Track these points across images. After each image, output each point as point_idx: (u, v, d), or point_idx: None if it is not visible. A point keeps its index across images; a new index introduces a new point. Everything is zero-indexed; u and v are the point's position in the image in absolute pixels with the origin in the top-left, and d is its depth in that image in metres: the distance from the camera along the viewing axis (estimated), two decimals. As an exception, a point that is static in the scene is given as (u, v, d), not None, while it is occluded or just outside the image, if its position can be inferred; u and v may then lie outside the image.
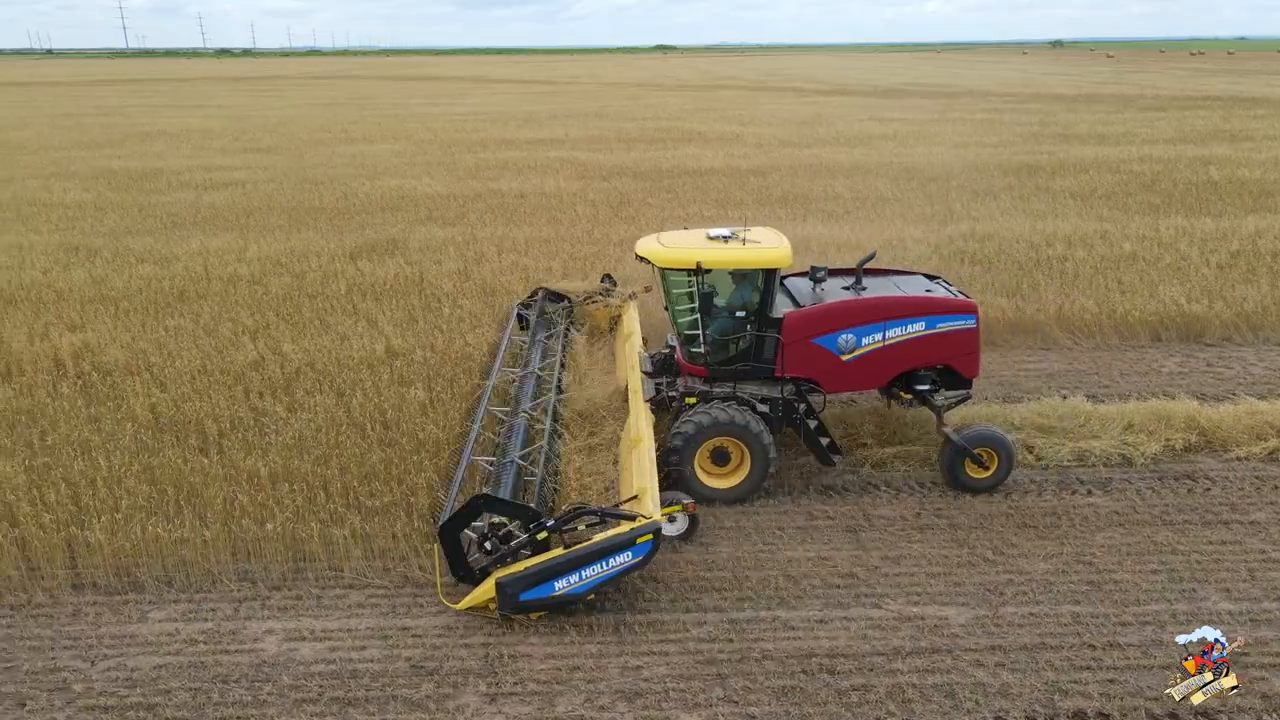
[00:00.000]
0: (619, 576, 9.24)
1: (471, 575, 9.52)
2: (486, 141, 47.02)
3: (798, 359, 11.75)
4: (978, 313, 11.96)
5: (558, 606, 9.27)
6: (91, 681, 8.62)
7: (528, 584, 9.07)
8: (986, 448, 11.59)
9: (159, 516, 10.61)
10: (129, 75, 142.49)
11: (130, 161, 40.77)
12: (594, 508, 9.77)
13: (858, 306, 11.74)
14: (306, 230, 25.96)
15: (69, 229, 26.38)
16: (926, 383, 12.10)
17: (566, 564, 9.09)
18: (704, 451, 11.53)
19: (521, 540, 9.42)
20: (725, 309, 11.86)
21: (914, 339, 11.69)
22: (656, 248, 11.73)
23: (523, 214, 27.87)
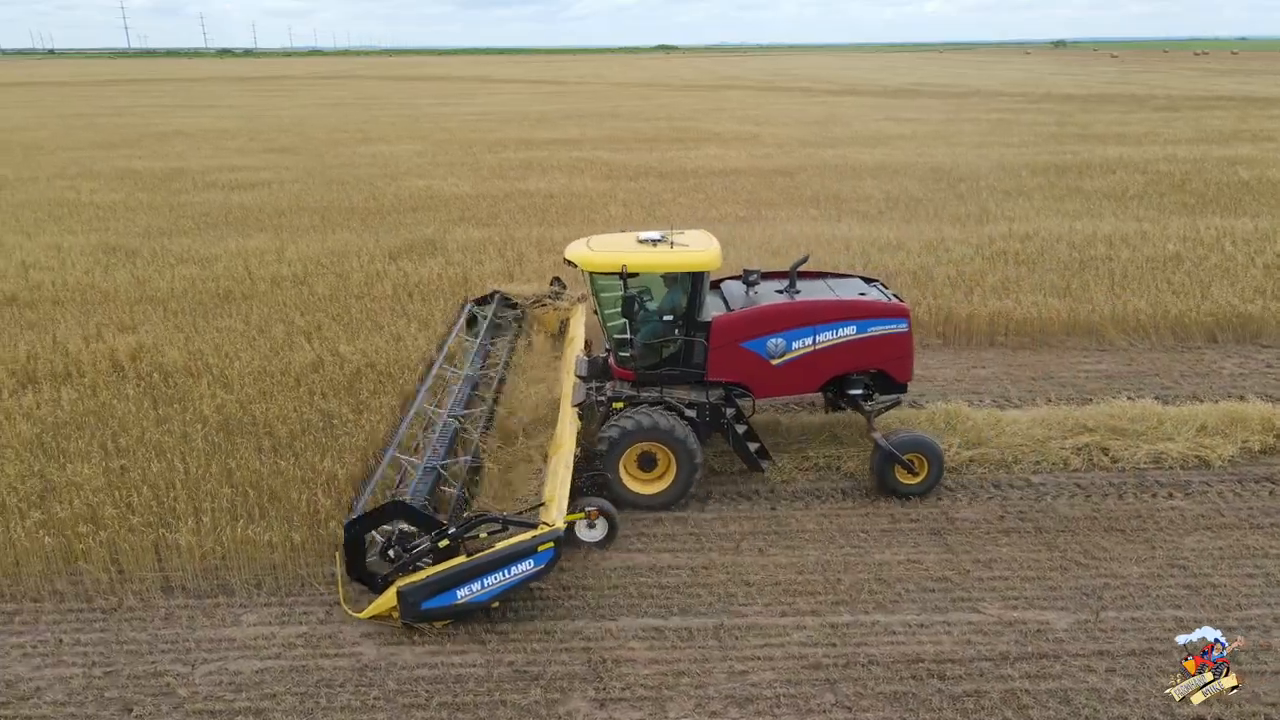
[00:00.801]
0: (522, 584, 9.17)
1: (369, 578, 9.38)
2: (505, 141, 46.96)
3: (727, 363, 11.66)
4: (909, 317, 11.94)
5: (461, 615, 9.18)
6: (195, 686, 8.57)
7: (429, 592, 8.97)
8: (916, 453, 11.48)
9: (244, 519, 10.54)
10: (134, 75, 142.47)
11: (152, 162, 40.70)
12: (495, 514, 9.67)
13: (787, 310, 11.65)
14: (340, 231, 25.89)
15: (103, 229, 26.31)
16: (859, 387, 12.07)
17: (467, 572, 8.99)
18: (630, 457, 11.41)
19: (423, 548, 9.27)
20: (654, 313, 11.73)
21: (845, 343, 11.64)
22: (584, 251, 11.58)
23: (555, 214, 27.80)
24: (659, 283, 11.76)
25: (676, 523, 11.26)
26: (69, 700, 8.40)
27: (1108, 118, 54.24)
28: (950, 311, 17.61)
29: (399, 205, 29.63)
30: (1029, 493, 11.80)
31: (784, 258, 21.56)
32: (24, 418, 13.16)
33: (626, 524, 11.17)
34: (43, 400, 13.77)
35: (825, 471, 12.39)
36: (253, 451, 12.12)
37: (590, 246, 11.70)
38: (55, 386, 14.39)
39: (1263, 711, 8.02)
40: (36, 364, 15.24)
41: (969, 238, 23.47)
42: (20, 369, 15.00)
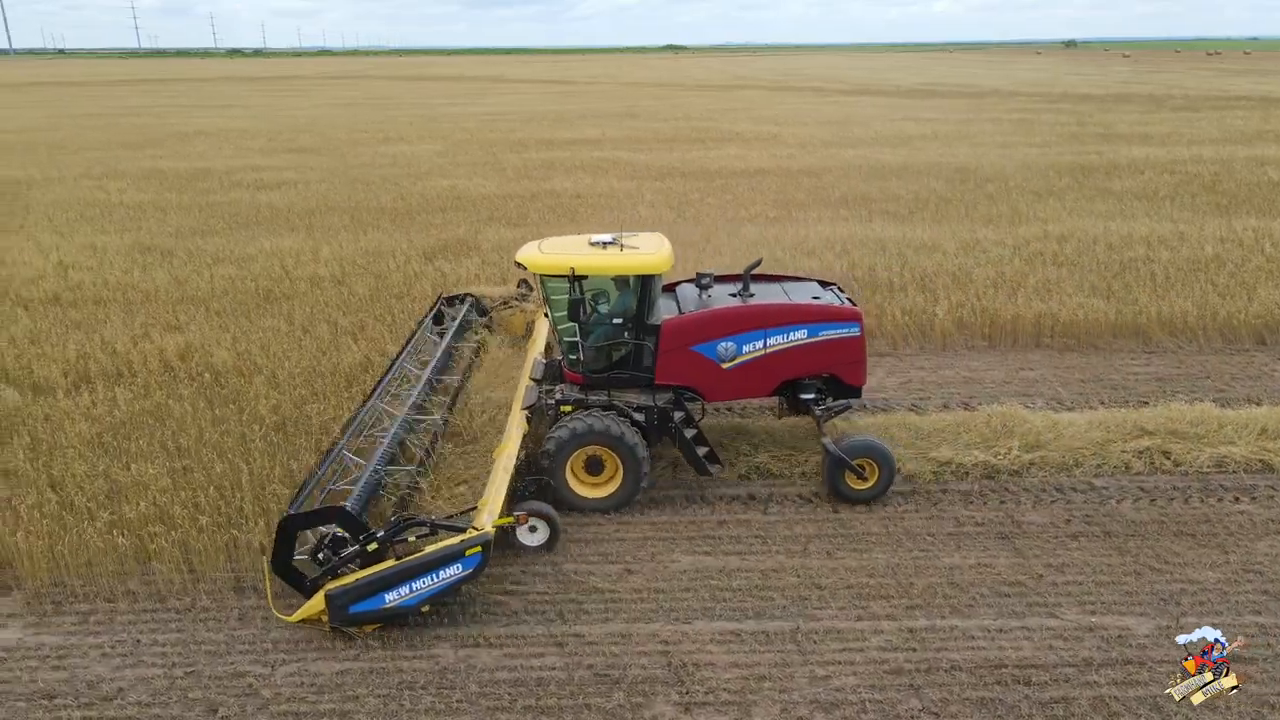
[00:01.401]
0: (451, 589, 9.11)
1: (294, 577, 9.25)
2: (525, 141, 46.96)
3: (677, 367, 11.60)
4: (862, 321, 11.89)
5: (390, 619, 9.10)
6: (277, 687, 8.56)
7: (357, 596, 8.92)
8: (866, 459, 11.37)
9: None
10: (146, 75, 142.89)
11: (175, 162, 40.81)
12: (423, 518, 9.58)
13: (736, 313, 11.57)
14: (372, 231, 25.91)
15: (136, 229, 26.38)
16: (812, 391, 11.98)
17: (395, 576, 8.93)
18: (577, 460, 11.34)
19: (351, 551, 9.16)
20: (605, 316, 11.68)
21: (796, 347, 11.56)
22: (534, 254, 11.55)
23: (584, 215, 27.77)
24: (610, 286, 11.71)
25: (740, 525, 11.23)
26: (153, 701, 8.40)
27: (1129, 118, 54.02)
28: (995, 313, 17.54)
29: (427, 205, 29.65)
30: (1093, 496, 11.73)
31: (819, 260, 21.58)
32: (82, 417, 13.20)
33: (692, 525, 11.18)
34: (99, 400, 13.81)
35: (884, 474, 12.32)
36: (312, 452, 12.11)
37: (541, 249, 11.69)
38: (109, 386, 14.43)
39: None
40: (88, 364, 15.28)
41: (1004, 239, 23.39)
42: (72, 369, 15.04)
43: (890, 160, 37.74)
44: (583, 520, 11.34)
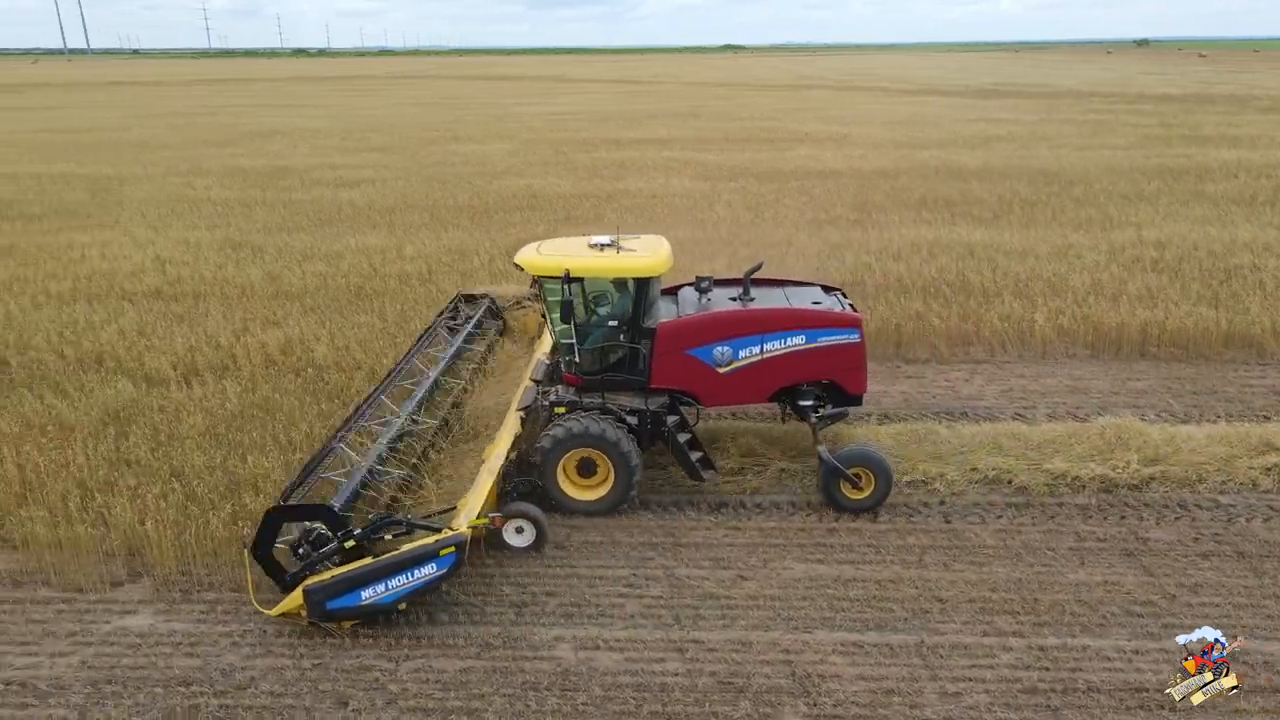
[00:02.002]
0: (427, 588, 9.11)
1: (274, 569, 9.31)
2: (593, 141, 47.09)
3: (672, 370, 11.45)
4: (861, 327, 11.63)
5: (367, 616, 9.15)
6: (403, 682, 8.64)
7: (334, 592, 8.98)
8: (861, 468, 11.14)
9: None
10: (219, 75, 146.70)
11: (255, 160, 41.78)
12: (400, 518, 9.59)
13: (733, 317, 11.41)
14: (453, 229, 26.18)
15: (225, 225, 27.06)
16: (810, 398, 11.71)
17: (371, 574, 8.98)
18: (570, 462, 11.25)
19: (330, 549, 9.22)
20: (601, 318, 11.59)
21: (794, 353, 11.35)
22: (531, 256, 11.48)
23: (661, 215, 27.69)
24: (609, 289, 11.58)
25: (851, 534, 11.04)
26: (285, 691, 8.54)
27: (1213, 119, 52.19)
28: (1098, 321, 17.02)
29: (503, 204, 29.88)
30: (1219, 514, 11.28)
31: (906, 264, 21.22)
32: (196, 409, 13.53)
33: (802, 532, 11.03)
34: (209, 392, 14.15)
35: (995, 485, 12.02)
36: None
37: (540, 251, 11.62)
38: (218, 379, 14.78)
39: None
40: (195, 356, 15.67)
41: (1097, 244, 22.73)
42: (181, 361, 15.44)
43: (968, 162, 36.98)
44: (689, 524, 11.27)
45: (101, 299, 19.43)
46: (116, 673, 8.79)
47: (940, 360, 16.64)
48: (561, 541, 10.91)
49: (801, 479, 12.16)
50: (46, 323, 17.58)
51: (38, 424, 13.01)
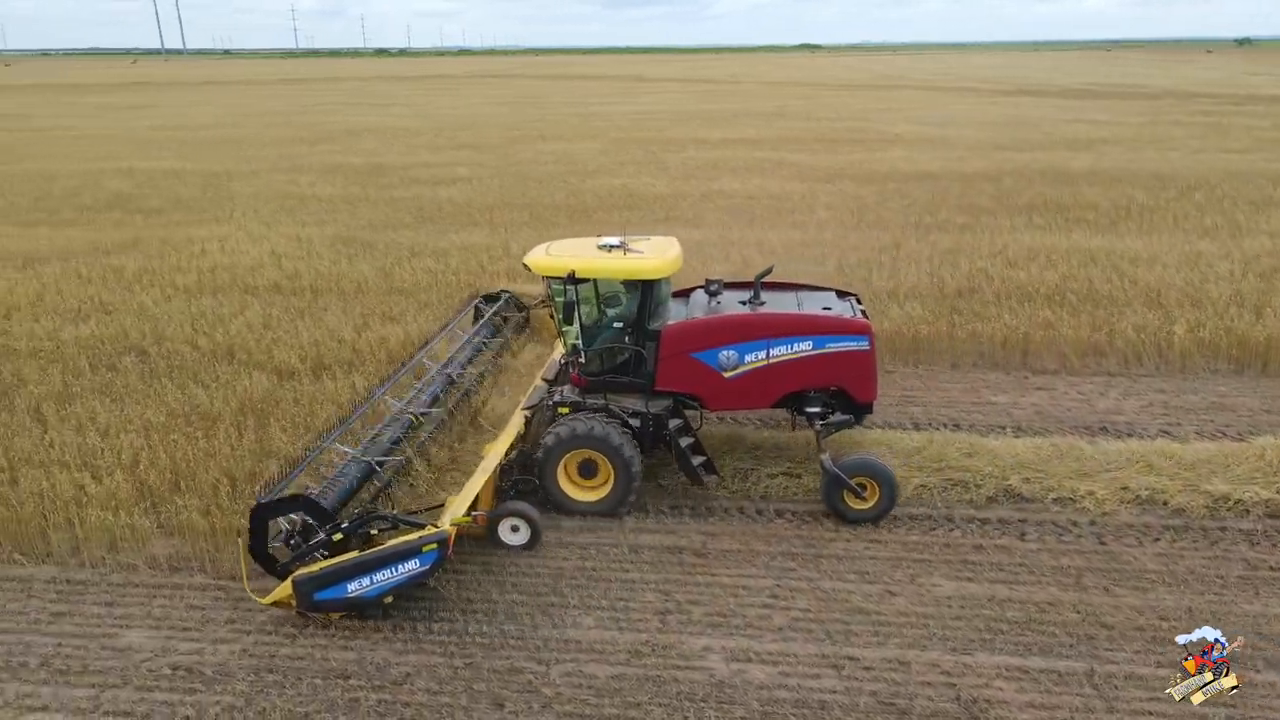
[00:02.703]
0: (410, 583, 9.22)
1: (269, 562, 9.46)
2: (681, 141, 46.90)
3: (677, 373, 11.31)
4: (871, 334, 11.29)
5: (353, 608, 9.28)
6: (556, 686, 8.59)
7: (321, 584, 9.11)
8: (865, 478, 10.92)
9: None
10: (306, 75, 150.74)
11: (351, 157, 42.70)
12: (385, 513, 9.79)
13: (739, 321, 11.28)
14: (553, 228, 26.22)
15: (332, 222, 27.67)
16: (817, 405, 11.44)
17: (357, 567, 9.10)
18: (571, 463, 11.20)
19: (319, 540, 9.33)
20: (609, 320, 11.53)
21: (800, 358, 11.13)
22: (539, 256, 11.43)
23: (761, 217, 27.38)
24: (622, 289, 11.49)
25: (1000, 551, 10.63)
26: (440, 689, 8.57)
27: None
28: (1242, 334, 16.14)
29: (601, 203, 29.88)
30: (1400, 544, 10.53)
31: (1025, 270, 20.54)
32: (327, 402, 13.77)
33: (947, 548, 10.67)
34: (340, 386, 14.39)
35: (1149, 505, 11.45)
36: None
37: (549, 251, 11.56)
38: (346, 373, 15.03)
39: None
40: (320, 350, 15.99)
41: (1229, 252, 21.64)
42: (308, 355, 15.76)
43: (1074, 165, 35.69)
44: (828, 535, 11.02)
45: (225, 292, 20.02)
46: (277, 662, 8.95)
47: (1071, 371, 15.99)
48: (699, 548, 10.77)
49: (942, 493, 11.79)
50: (178, 314, 18.19)
51: (182, 413, 13.40)
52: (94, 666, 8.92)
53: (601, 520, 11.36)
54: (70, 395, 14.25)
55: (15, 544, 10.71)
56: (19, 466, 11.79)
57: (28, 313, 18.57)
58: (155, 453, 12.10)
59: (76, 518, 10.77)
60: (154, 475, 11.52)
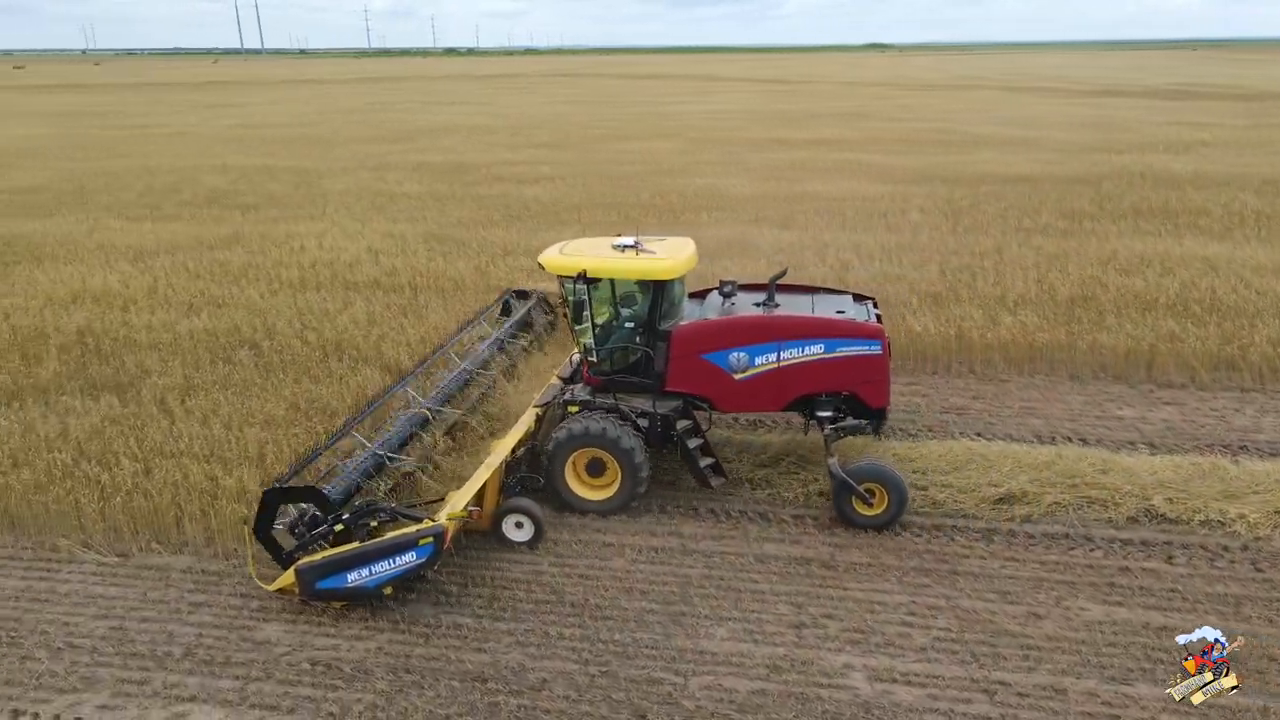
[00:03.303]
0: (407, 575, 9.35)
1: (273, 547, 9.62)
2: (760, 141, 46.44)
3: (687, 374, 11.30)
4: (883, 339, 11.12)
5: (354, 598, 9.44)
6: (696, 699, 8.41)
7: (323, 573, 9.27)
8: (874, 483, 10.76)
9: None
10: (381, 74, 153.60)
11: (433, 155, 43.22)
12: (385, 505, 9.91)
13: (749, 323, 11.22)
14: (644, 229, 26.06)
15: (422, 219, 27.97)
16: (829, 409, 11.34)
17: (357, 558, 9.26)
18: (579, 461, 11.22)
19: (322, 530, 9.48)
20: (622, 320, 11.61)
21: (811, 362, 11.06)
22: (553, 255, 11.52)
23: (852, 219, 26.85)
24: (637, 290, 11.50)
25: (1147, 575, 10.12)
26: (580, 697, 8.46)
27: None
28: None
29: (687, 203, 29.64)
30: None
31: (1141, 278, 19.76)
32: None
33: (1090, 569, 10.22)
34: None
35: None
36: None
37: (563, 250, 11.62)
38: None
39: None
40: (427, 348, 16.05)
41: (1362, 263, 20.46)
42: (415, 352, 15.84)
43: (1176, 169, 34.27)
44: (961, 550, 10.63)
45: (328, 288, 20.33)
46: (413, 662, 8.94)
47: (1200, 386, 15.26)
48: (826, 560, 10.49)
49: (1078, 511, 11.30)
50: (285, 309, 18.51)
51: (301, 407, 13.59)
52: (236, 658, 9.04)
53: (724, 527, 11.18)
54: (192, 387, 14.57)
55: (153, 533, 10.95)
56: (151, 457, 12.06)
57: (144, 305, 19.11)
58: (280, 446, 12.26)
59: (211, 509, 10.96)
60: (280, 468, 11.66)
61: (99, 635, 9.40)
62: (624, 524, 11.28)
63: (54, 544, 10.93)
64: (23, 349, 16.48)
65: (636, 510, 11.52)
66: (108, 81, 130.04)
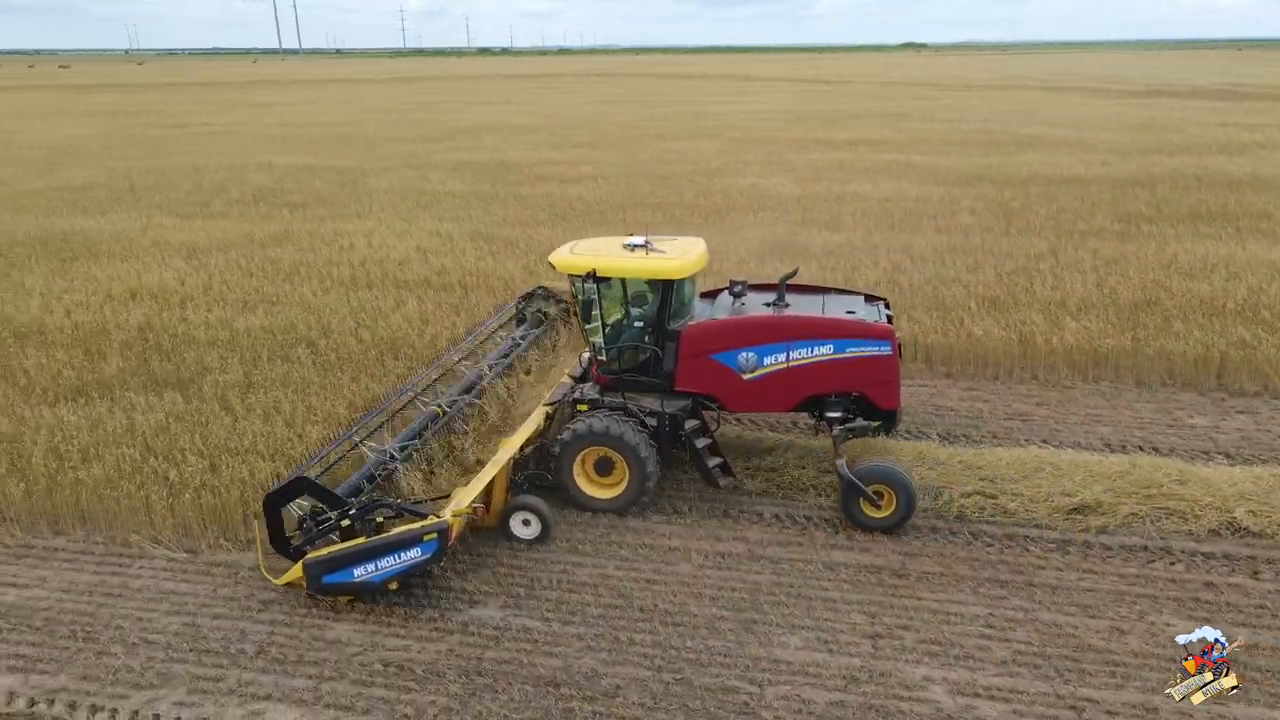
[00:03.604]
0: (412, 570, 9.45)
1: (288, 550, 9.71)
2: (801, 141, 46.07)
3: (696, 374, 11.35)
4: (893, 339, 11.08)
5: (360, 593, 9.53)
6: (773, 709, 8.27)
7: (330, 568, 9.36)
8: (882, 485, 10.68)
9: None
10: (418, 73, 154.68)
11: (476, 154, 43.38)
12: (391, 501, 9.98)
13: (758, 323, 11.22)
14: (690, 229, 25.84)
15: (468, 218, 28.02)
16: (838, 410, 11.31)
17: (363, 553, 9.34)
18: (588, 460, 11.28)
19: (329, 525, 9.59)
20: (631, 319, 11.61)
21: (820, 362, 11.04)
22: (564, 254, 11.60)
23: (902, 221, 26.50)
24: (647, 289, 11.51)
25: (1234, 590, 9.83)
26: (655, 705, 8.34)
27: None
28: None
29: (732, 204, 29.45)
30: None
31: (1204, 282, 19.28)
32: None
33: (1171, 583, 9.93)
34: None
35: (1399, 548, 10.41)
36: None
37: (573, 250, 11.70)
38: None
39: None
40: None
41: None
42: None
43: (1233, 171, 33.48)
44: (1036, 561, 10.38)
45: (379, 286, 20.41)
46: (485, 665, 8.89)
47: (1274, 394, 14.83)
48: (898, 568, 10.29)
49: (1155, 523, 10.98)
50: (338, 307, 18.61)
51: (360, 406, 13.61)
52: (308, 657, 9.04)
53: (790, 533, 11.02)
54: (252, 385, 14.65)
55: (222, 530, 11.01)
56: (217, 454, 12.12)
57: (201, 302, 19.30)
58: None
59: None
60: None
61: (172, 631, 9.45)
62: (688, 528, 11.17)
63: (125, 539, 11.03)
64: (85, 345, 16.71)
65: (701, 514, 11.41)
66: (150, 81, 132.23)
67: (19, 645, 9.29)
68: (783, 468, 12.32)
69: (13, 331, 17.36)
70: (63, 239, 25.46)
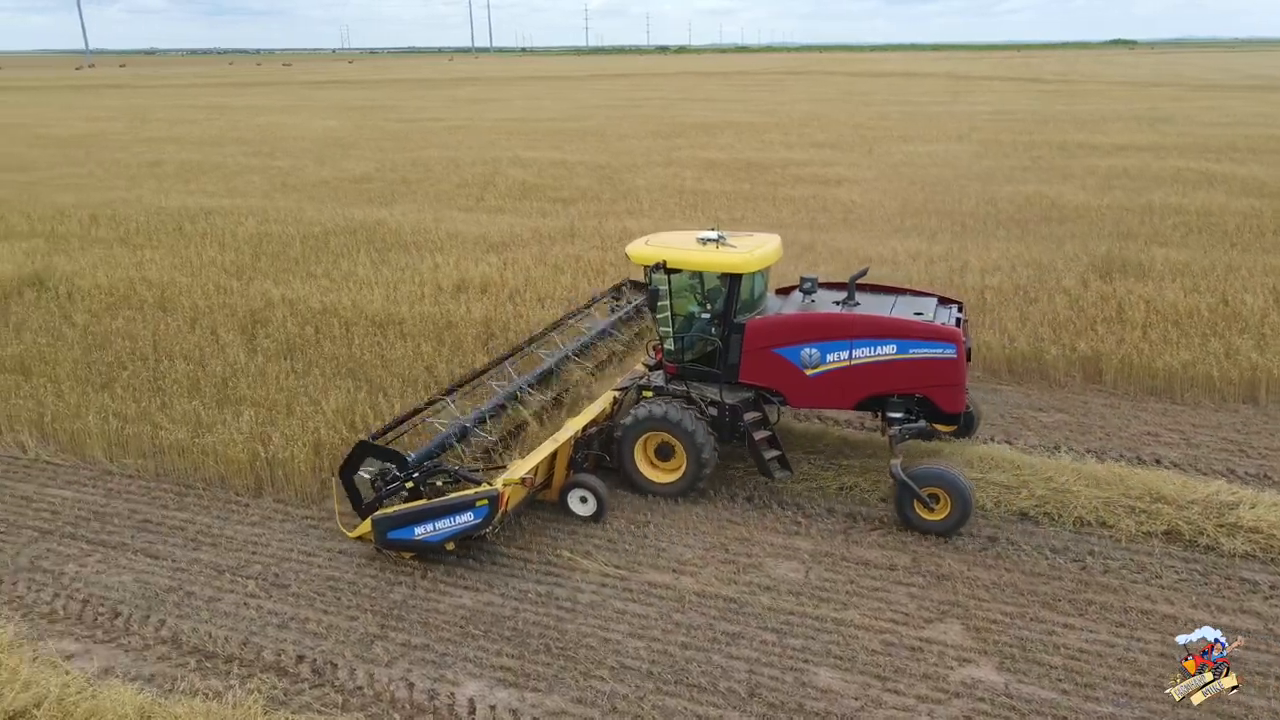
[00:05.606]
0: (465, 533, 10.08)
1: (354, 493, 10.61)
2: (1064, 145, 42.65)
3: (759, 367, 11.61)
4: (958, 342, 10.89)
5: (420, 550, 10.25)
6: None
7: (394, 524, 10.11)
8: (936, 488, 10.65)
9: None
10: (613, 70, 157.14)
11: (715, 153, 42.82)
12: (449, 467, 10.59)
13: (821, 320, 11.45)
14: (993, 240, 24.20)
15: (743, 219, 27.34)
16: (900, 410, 11.31)
17: (422, 513, 10.04)
18: (650, 444, 11.71)
19: (394, 485, 10.34)
20: (700, 311, 11.97)
21: (883, 362, 11.09)
22: (639, 246, 12.02)
23: (1241, 237, 23.70)
24: (718, 283, 11.79)
25: None
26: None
27: None
28: None
29: (1025, 214, 27.25)
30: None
31: None
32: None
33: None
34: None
35: None
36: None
37: (649, 242, 12.12)
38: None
39: None
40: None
41: None
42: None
43: None
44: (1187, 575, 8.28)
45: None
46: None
47: None
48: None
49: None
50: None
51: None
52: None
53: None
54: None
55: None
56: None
57: (526, 297, 19.42)
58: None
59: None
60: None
61: (646, 657, 9.00)
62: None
63: (556, 551, 10.83)
64: (438, 336, 17.07)
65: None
66: (365, 78, 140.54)
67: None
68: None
69: (370, 320, 17.99)
70: (370, 230, 26.59)
